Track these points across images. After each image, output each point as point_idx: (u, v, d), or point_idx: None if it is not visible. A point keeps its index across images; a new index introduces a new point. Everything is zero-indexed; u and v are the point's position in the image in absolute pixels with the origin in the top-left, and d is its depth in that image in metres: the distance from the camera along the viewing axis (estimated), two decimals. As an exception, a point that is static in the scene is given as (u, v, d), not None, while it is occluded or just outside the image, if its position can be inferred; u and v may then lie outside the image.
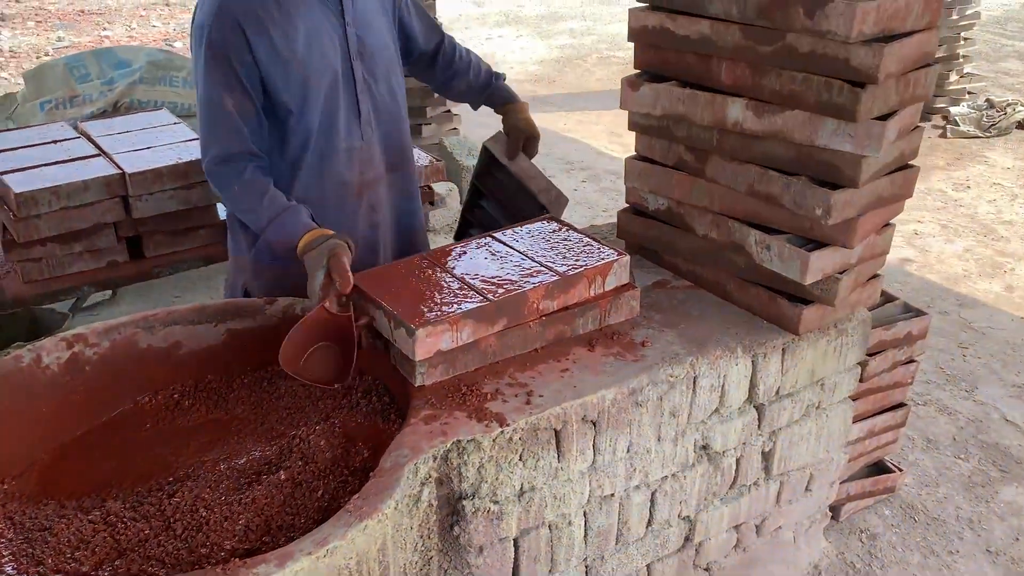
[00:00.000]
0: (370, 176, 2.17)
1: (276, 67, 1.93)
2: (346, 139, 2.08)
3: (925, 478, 2.89)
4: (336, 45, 2.01)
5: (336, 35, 2.00)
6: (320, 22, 1.97)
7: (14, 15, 11.63)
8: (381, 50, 2.10)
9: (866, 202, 1.83)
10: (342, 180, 2.12)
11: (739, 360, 1.93)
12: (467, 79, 2.39)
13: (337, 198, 2.13)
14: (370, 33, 2.07)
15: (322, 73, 1.98)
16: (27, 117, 4.08)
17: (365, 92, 2.08)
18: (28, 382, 1.79)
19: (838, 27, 1.63)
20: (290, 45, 1.92)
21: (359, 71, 2.06)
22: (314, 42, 1.96)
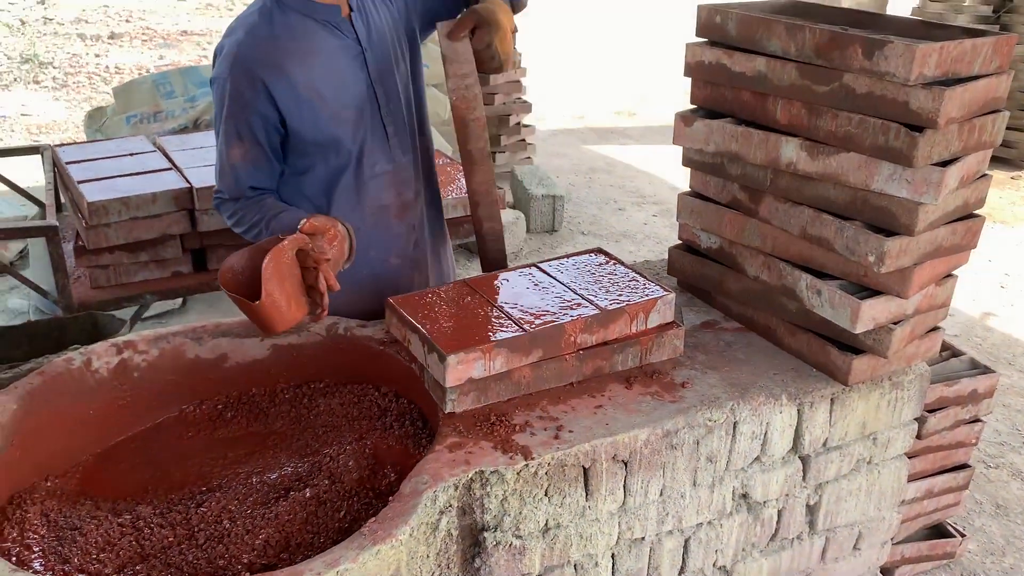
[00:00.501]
0: (408, 196, 2.17)
1: (300, 107, 1.92)
2: (379, 164, 2.08)
3: (991, 546, 2.73)
4: (359, 75, 1.99)
5: (356, 63, 1.98)
6: (338, 54, 1.95)
7: (123, 34, 12.27)
8: (396, 64, 2.06)
9: (923, 251, 1.75)
10: (380, 204, 2.12)
11: (783, 408, 1.87)
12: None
13: (378, 222, 2.13)
14: (384, 51, 2.03)
15: (348, 105, 1.98)
16: (114, 130, 4.29)
17: (389, 115, 2.06)
18: (77, 384, 1.85)
19: (897, 69, 1.58)
20: (312, 84, 1.91)
21: (381, 95, 2.03)
22: (335, 76, 1.95)
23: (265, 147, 1.96)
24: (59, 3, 13.74)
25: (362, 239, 2.08)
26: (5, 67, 9.99)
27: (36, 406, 1.76)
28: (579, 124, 8.03)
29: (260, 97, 1.88)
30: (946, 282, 1.93)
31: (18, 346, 2.47)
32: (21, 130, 7.78)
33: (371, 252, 2.14)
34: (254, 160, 1.96)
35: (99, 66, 10.41)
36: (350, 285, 2.15)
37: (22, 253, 4.57)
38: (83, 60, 10.65)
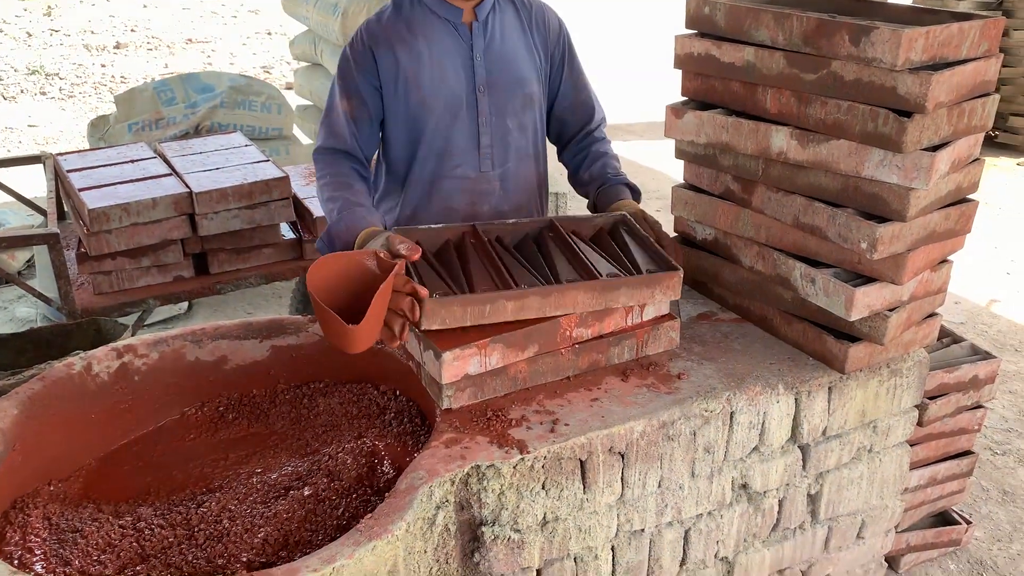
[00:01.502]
0: (484, 210, 2.21)
1: (397, 85, 2.10)
2: (460, 168, 2.16)
3: (998, 532, 2.71)
4: (461, 75, 2.11)
5: (462, 66, 2.11)
6: (447, 51, 2.10)
7: (128, 43, 12.35)
8: (516, 86, 2.16)
9: (916, 237, 1.75)
10: (449, 205, 2.19)
11: (780, 397, 1.86)
12: (592, 169, 2.32)
13: (445, 220, 2.18)
14: (504, 68, 2.14)
15: (441, 99, 2.10)
16: (117, 138, 4.32)
17: (487, 126, 2.15)
18: (78, 389, 1.87)
19: (884, 54, 1.57)
20: (413, 67, 2.08)
21: (484, 104, 2.13)
22: (436, 68, 2.09)
23: (369, 108, 2.14)
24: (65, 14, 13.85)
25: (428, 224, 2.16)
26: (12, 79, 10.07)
27: (37, 411, 1.77)
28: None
29: (369, 65, 2.11)
30: (941, 267, 1.92)
31: (23, 353, 2.50)
32: (28, 141, 7.84)
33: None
34: (357, 117, 2.14)
35: (105, 75, 10.48)
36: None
37: (29, 263, 4.61)
38: (89, 70, 10.73)
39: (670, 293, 1.86)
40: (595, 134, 2.36)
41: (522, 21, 2.20)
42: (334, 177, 2.11)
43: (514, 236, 2.01)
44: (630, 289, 1.82)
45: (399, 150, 2.20)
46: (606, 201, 2.25)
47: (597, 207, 2.29)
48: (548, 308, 1.75)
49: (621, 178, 2.29)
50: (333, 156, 2.15)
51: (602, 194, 2.27)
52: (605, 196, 2.26)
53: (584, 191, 2.36)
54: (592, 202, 2.32)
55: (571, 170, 2.40)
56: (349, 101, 2.13)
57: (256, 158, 3.17)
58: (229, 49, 12.20)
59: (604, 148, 2.35)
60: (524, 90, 2.18)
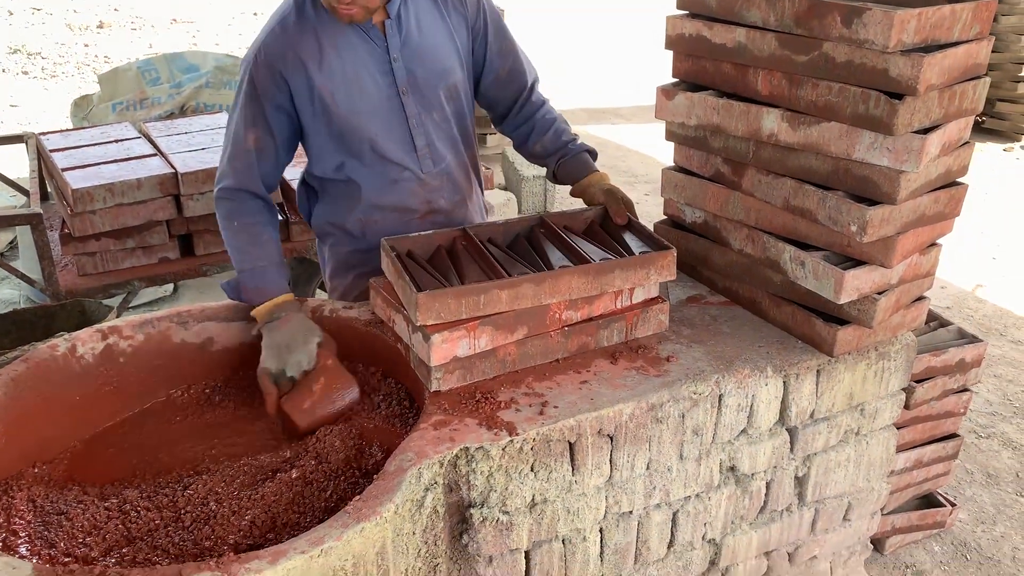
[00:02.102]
0: (441, 205, 2.16)
1: (314, 106, 1.96)
2: (405, 172, 2.07)
3: (982, 515, 2.74)
4: (380, 82, 1.97)
5: (380, 71, 1.97)
6: (362, 60, 1.95)
7: (111, 22, 12.20)
8: (439, 79, 2.04)
9: (906, 220, 1.75)
10: (404, 206, 2.12)
11: (769, 380, 1.87)
12: (543, 140, 2.24)
13: (402, 220, 2.13)
14: (425, 63, 2.01)
15: (363, 113, 1.98)
16: (101, 118, 4.27)
17: (418, 127, 2.05)
18: (63, 371, 1.85)
19: (876, 36, 1.57)
20: (328, 85, 1.93)
21: (409, 105, 2.02)
22: (354, 81, 1.95)
23: (276, 138, 1.99)
24: (47, -8, 13.65)
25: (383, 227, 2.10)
26: (-7, 58, 9.93)
27: (21, 393, 1.76)
28: (570, 104, 7.99)
29: (279, 90, 1.94)
30: (930, 251, 1.92)
31: (6, 335, 2.47)
32: (11, 121, 7.74)
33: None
34: (263, 147, 1.98)
35: (88, 55, 10.36)
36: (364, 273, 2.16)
37: (12, 244, 4.56)
38: (72, 50, 10.60)
39: (664, 273, 1.86)
40: (533, 99, 2.25)
41: (438, 5, 2.04)
42: (243, 226, 1.98)
43: (506, 236, 2.00)
44: (624, 271, 1.82)
45: (330, 166, 2.08)
46: (570, 174, 2.20)
47: (559, 179, 2.25)
48: (543, 295, 1.74)
49: (579, 146, 2.22)
50: (238, 198, 2.00)
51: (565, 167, 2.20)
52: (569, 169, 2.20)
53: (541, 163, 2.30)
54: (552, 173, 2.27)
55: (517, 141, 2.30)
56: (254, 130, 1.96)
57: (242, 138, 3.14)
58: (214, 29, 12.07)
59: (549, 114, 2.26)
60: (448, 81, 2.06)
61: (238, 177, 1.99)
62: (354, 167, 2.06)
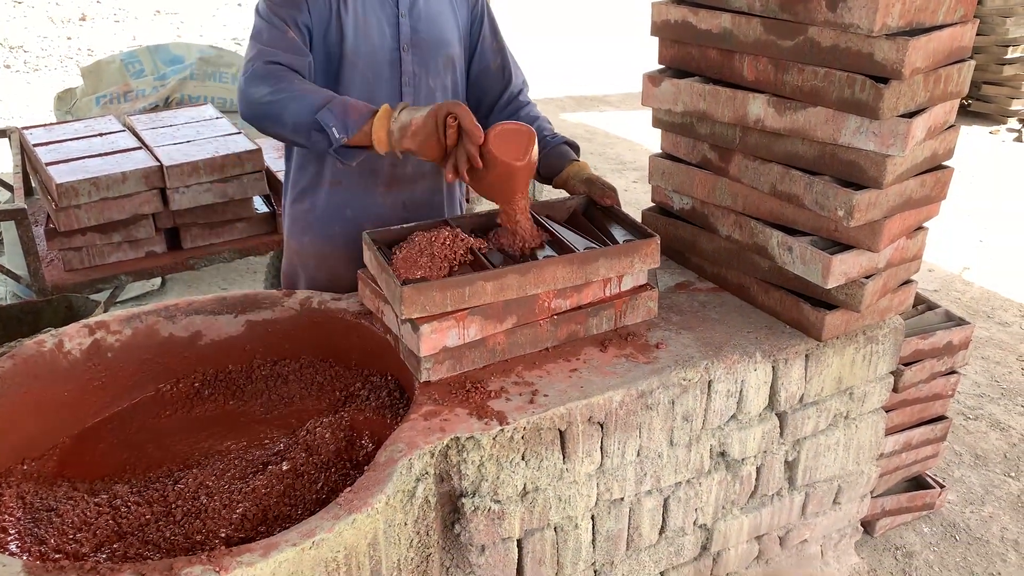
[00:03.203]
0: (406, 171, 2.12)
1: (326, 32, 1.96)
2: None
3: (970, 496, 2.76)
4: (386, 32, 2.00)
5: (387, 23, 2.00)
6: (374, 8, 1.98)
7: (94, 14, 12.08)
8: (439, 46, 2.07)
9: (893, 204, 1.75)
10: (370, 167, 2.07)
11: (758, 365, 1.87)
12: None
13: (363, 185, 2.11)
14: (429, 27, 2.05)
15: (364, 55, 1.99)
16: (85, 111, 4.23)
17: (411, 85, 2.05)
18: (50, 367, 1.84)
19: (861, 20, 1.56)
20: (339, 21, 1.95)
21: (408, 63, 2.04)
22: (360, 24, 1.97)
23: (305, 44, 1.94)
24: (28, -15, 13.50)
25: (342, 194, 2.09)
26: (-25, 53, 9.83)
27: (8, 389, 1.74)
28: (558, 92, 7.98)
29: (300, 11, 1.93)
30: (917, 234, 1.93)
31: (-8, 331, 2.46)
32: (-7, 116, 7.67)
33: (347, 211, 2.13)
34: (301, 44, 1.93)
35: (71, 48, 10.26)
36: (322, 239, 2.15)
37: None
38: (54, 43, 10.50)
39: (649, 260, 1.86)
40: (520, 98, 2.26)
41: None
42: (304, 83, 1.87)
43: (489, 226, 1.99)
44: (609, 260, 1.82)
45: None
46: (551, 166, 2.17)
47: (541, 172, 2.21)
48: (528, 286, 1.74)
49: (560, 137, 2.21)
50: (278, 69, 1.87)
51: (546, 159, 2.17)
52: (549, 161, 2.17)
53: None
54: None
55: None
56: (288, 32, 1.91)
57: (228, 130, 3.12)
58: (199, 20, 11.97)
59: (533, 112, 2.25)
60: (447, 50, 2.09)
61: (292, 59, 1.90)
62: None
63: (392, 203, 2.15)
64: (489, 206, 4.47)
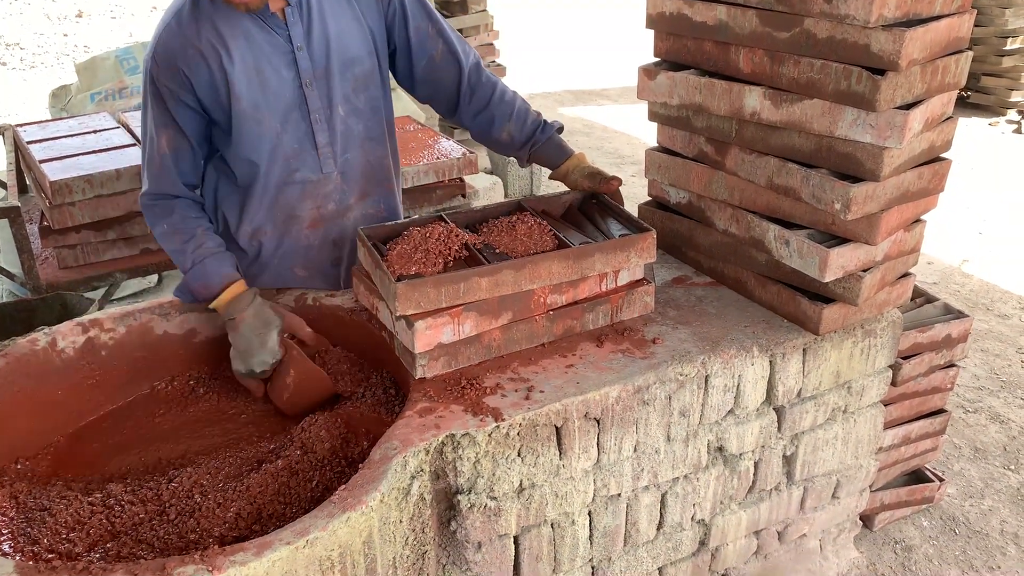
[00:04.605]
0: (329, 210, 2.03)
1: (217, 101, 1.85)
2: (300, 172, 1.95)
3: (970, 489, 2.75)
4: (282, 75, 1.86)
5: (282, 63, 1.86)
6: (263, 52, 1.84)
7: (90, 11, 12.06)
8: (344, 68, 1.92)
9: (890, 196, 1.74)
10: (292, 214, 2.00)
11: (755, 360, 1.86)
12: (508, 127, 2.09)
13: (287, 230, 2.03)
14: (331, 51, 1.89)
15: (265, 107, 1.86)
16: (79, 108, 4.21)
17: (321, 122, 1.92)
18: (43, 365, 1.83)
19: (857, 11, 1.55)
20: (229, 79, 1.82)
21: (313, 99, 1.90)
22: (254, 74, 1.84)
23: (190, 138, 1.90)
24: (23, -18, 13.47)
25: (270, 240, 2.04)
26: (-29, 50, 9.81)
27: (0, 389, 1.74)
28: (556, 87, 7.95)
29: (182, 87, 1.83)
30: (915, 227, 1.92)
31: (-14, 330, 2.44)
32: (-10, 113, 7.65)
33: (275, 260, 2.07)
34: (177, 148, 1.89)
35: (67, 45, 10.24)
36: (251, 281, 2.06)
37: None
38: (51, 40, 10.48)
39: (645, 255, 1.85)
40: (482, 82, 2.08)
41: None
42: (172, 228, 1.91)
43: (483, 221, 1.97)
44: (604, 255, 1.81)
45: (232, 160, 1.95)
46: (547, 162, 2.10)
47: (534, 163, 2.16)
48: (523, 281, 1.73)
49: (548, 129, 2.10)
50: (163, 203, 1.92)
51: (540, 154, 2.10)
52: (545, 157, 2.10)
53: (512, 154, 2.16)
54: (526, 161, 2.16)
55: (477, 130, 2.14)
56: (165, 132, 1.87)
57: (223, 127, 3.10)
58: (196, 16, 11.94)
59: (506, 96, 2.09)
60: (355, 71, 1.93)
61: (156, 183, 1.91)
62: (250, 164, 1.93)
63: (320, 242, 2.07)
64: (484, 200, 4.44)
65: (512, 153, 2.16)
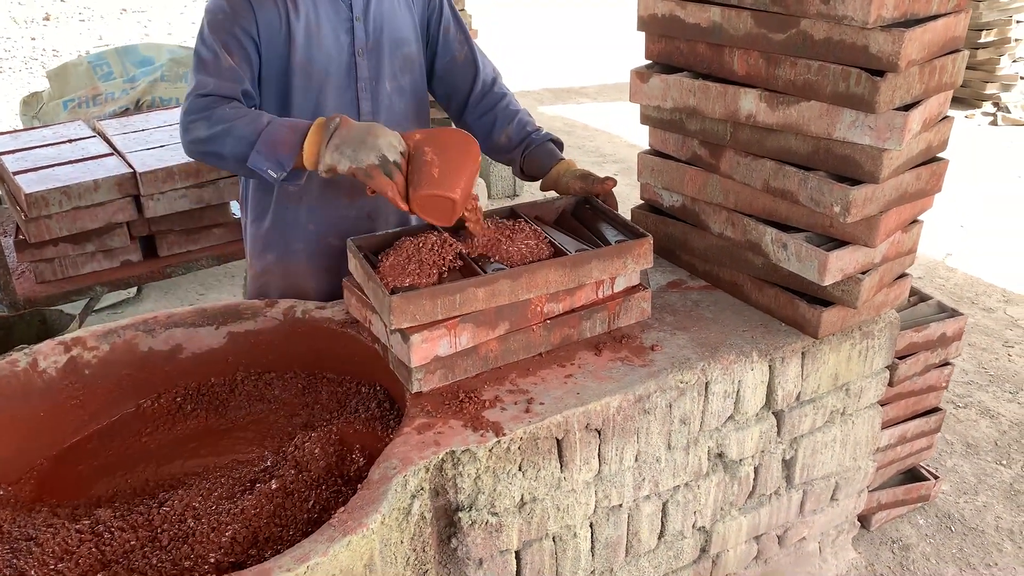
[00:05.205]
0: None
1: (276, 44, 1.89)
2: None
3: (963, 485, 2.75)
4: (339, 39, 1.94)
5: (342, 28, 1.94)
6: (327, 13, 1.92)
7: (59, 14, 11.87)
8: (396, 46, 2.01)
9: (889, 198, 1.72)
10: (331, 181, 2.01)
11: (755, 365, 1.84)
12: (507, 130, 2.13)
13: (324, 198, 2.05)
14: (385, 28, 1.98)
15: (318, 65, 1.92)
16: (52, 116, 4.12)
17: (367, 91, 1.99)
18: (24, 387, 1.77)
19: (855, 12, 1.53)
20: (288, 29, 1.88)
21: (363, 68, 1.97)
22: (313, 32, 1.91)
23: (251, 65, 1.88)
24: (-12, -15, 13.23)
25: (304, 208, 2.04)
26: (-64, 56, 9.62)
27: (-19, 412, 1.68)
28: (535, 85, 7.92)
29: (248, 18, 1.85)
30: (912, 228, 1.90)
31: (-38, 349, 2.37)
32: (-42, 121, 7.49)
33: (310, 225, 2.07)
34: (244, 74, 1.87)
35: (35, 49, 10.06)
36: (286, 255, 2.10)
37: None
38: (18, 44, 10.29)
39: (642, 261, 1.82)
40: (495, 90, 2.16)
41: None
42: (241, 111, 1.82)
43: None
44: (601, 261, 1.77)
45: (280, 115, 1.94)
46: (539, 165, 2.10)
47: (526, 172, 2.15)
48: (520, 291, 1.69)
49: (545, 135, 2.13)
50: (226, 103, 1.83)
51: (531, 157, 2.11)
52: (536, 160, 2.10)
53: (507, 158, 2.17)
54: (519, 166, 2.16)
55: (480, 132, 2.16)
56: (232, 56, 1.85)
57: (202, 134, 3.03)
58: (167, 18, 11.79)
59: (512, 105, 2.16)
60: (404, 50, 2.02)
61: (224, 85, 1.83)
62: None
63: (356, 214, 2.08)
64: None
65: (507, 156, 2.17)
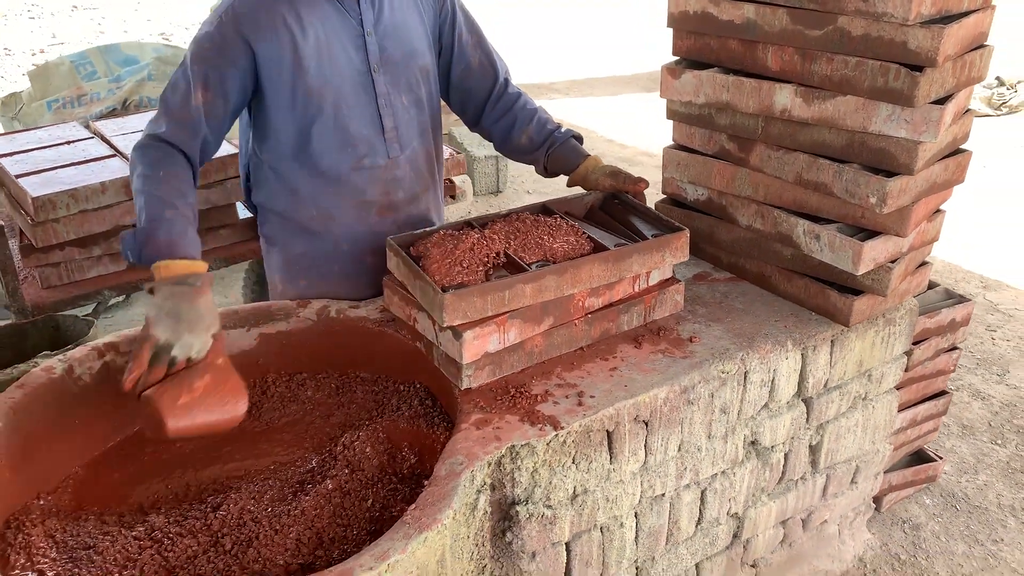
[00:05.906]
0: (399, 197, 2.04)
1: (282, 75, 1.84)
2: (368, 158, 1.96)
3: (964, 465, 2.84)
4: (351, 56, 1.88)
5: (354, 45, 1.88)
6: (336, 31, 1.86)
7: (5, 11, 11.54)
8: (411, 58, 1.96)
9: (920, 189, 1.78)
10: (362, 199, 2.00)
11: (789, 354, 1.88)
12: (528, 130, 2.12)
13: (360, 217, 2.01)
14: (398, 41, 1.94)
15: (333, 85, 1.87)
16: (34, 117, 4.01)
17: (388, 107, 1.95)
18: (61, 394, 1.74)
19: (895, 9, 1.57)
20: (295, 53, 1.82)
21: (380, 84, 1.93)
22: (325, 53, 1.85)
23: (228, 104, 1.83)
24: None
25: (337, 231, 2.01)
26: None
27: (21, 421, 1.64)
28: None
29: (241, 56, 1.80)
30: (936, 217, 1.97)
31: (-26, 357, 2.31)
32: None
33: (344, 246, 2.03)
34: (210, 113, 1.81)
35: (-13, 49, 9.78)
36: (321, 279, 2.07)
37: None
38: (-32, 43, 9.99)
39: (679, 254, 1.85)
40: (509, 91, 2.16)
41: None
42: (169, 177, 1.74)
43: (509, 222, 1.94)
44: (641, 255, 1.80)
45: (287, 146, 1.94)
46: (565, 164, 2.11)
47: (550, 170, 2.16)
48: (565, 286, 1.71)
49: (567, 132, 2.14)
50: (170, 152, 1.78)
51: (556, 156, 2.11)
52: (561, 158, 2.11)
53: (530, 158, 2.17)
54: (543, 165, 2.16)
55: (499, 137, 2.18)
56: (206, 93, 1.78)
57: (201, 134, 2.99)
58: (120, 15, 11.54)
59: (529, 105, 2.16)
60: (419, 61, 1.98)
61: (178, 133, 1.78)
62: (316, 147, 1.92)
63: (388, 229, 2.03)
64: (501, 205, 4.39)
65: (530, 157, 2.17)
